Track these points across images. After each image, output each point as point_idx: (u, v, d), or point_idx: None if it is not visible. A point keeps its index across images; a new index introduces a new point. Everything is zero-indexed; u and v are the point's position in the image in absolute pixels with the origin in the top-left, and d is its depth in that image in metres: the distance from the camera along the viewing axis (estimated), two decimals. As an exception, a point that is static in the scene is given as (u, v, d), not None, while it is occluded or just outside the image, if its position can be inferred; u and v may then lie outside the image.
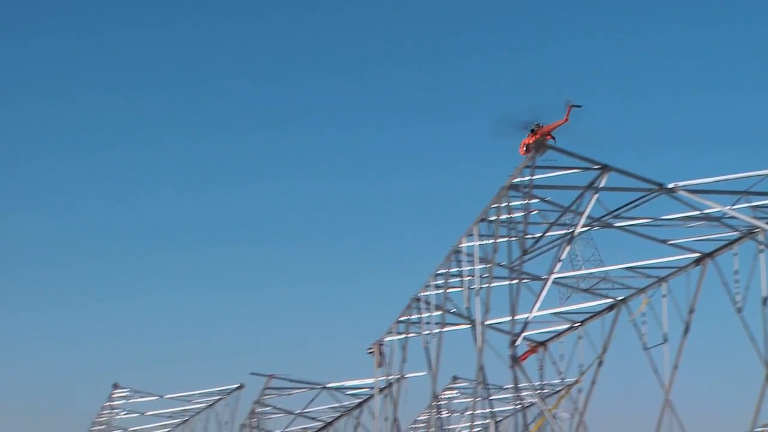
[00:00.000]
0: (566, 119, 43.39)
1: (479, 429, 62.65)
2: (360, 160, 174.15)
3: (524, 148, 47.03)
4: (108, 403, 67.64)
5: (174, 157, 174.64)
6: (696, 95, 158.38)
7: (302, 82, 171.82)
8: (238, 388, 61.29)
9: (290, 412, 57.60)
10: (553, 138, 46.18)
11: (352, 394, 55.62)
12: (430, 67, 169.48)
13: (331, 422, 59.15)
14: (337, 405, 56.78)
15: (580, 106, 45.07)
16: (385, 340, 46.60)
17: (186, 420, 67.63)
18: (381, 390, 47.48)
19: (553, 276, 35.10)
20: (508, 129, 47.17)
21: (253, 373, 56.29)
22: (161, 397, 65.72)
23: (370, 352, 47.26)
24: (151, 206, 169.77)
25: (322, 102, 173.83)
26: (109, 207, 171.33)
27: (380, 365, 46.88)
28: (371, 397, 51.66)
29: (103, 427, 69.73)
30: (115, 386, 66.69)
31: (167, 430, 70.24)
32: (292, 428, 59.74)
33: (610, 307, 42.38)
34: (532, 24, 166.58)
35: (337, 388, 55.15)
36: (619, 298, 41.91)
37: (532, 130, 45.00)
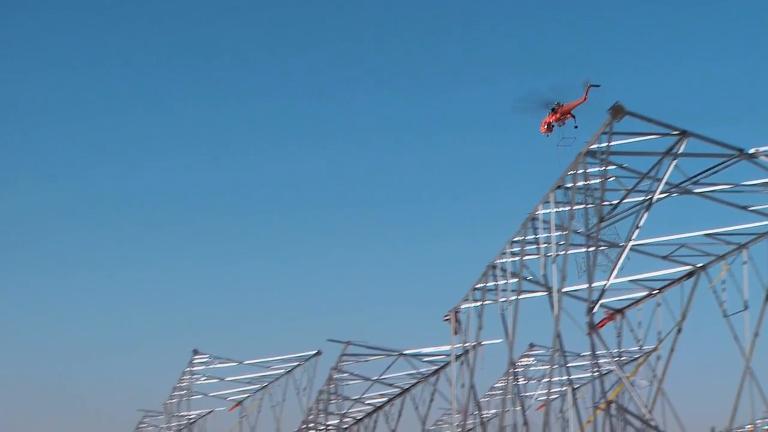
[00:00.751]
0: (585, 98, 47.56)
1: (556, 396, 62.57)
2: (437, 125, 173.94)
3: (545, 126, 49.32)
4: (188, 369, 68.69)
5: (251, 118, 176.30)
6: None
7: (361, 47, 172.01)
8: (315, 354, 61.86)
9: (367, 379, 58.01)
10: (573, 116, 48.94)
11: (429, 361, 55.82)
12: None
13: (407, 389, 59.45)
14: (413, 372, 57.05)
15: (598, 86, 48.10)
16: (461, 307, 46.65)
17: (265, 386, 68.47)
18: (457, 357, 47.56)
19: (631, 243, 34.79)
20: (531, 107, 49.88)
21: (330, 340, 56.86)
22: (240, 363, 66.56)
23: (446, 320, 47.36)
24: (229, 169, 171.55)
25: (388, 65, 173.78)
26: (189, 169, 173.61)
27: (456, 332, 46.98)
28: (447, 364, 51.78)
29: (183, 392, 70.96)
30: (195, 352, 67.66)
31: (246, 395, 71.20)
32: (369, 394, 60.21)
33: (689, 274, 41.86)
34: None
35: (414, 355, 55.39)
36: (699, 265, 41.36)
37: (553, 109, 49.15)
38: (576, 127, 49.02)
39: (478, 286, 45.11)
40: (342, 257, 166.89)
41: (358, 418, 64.17)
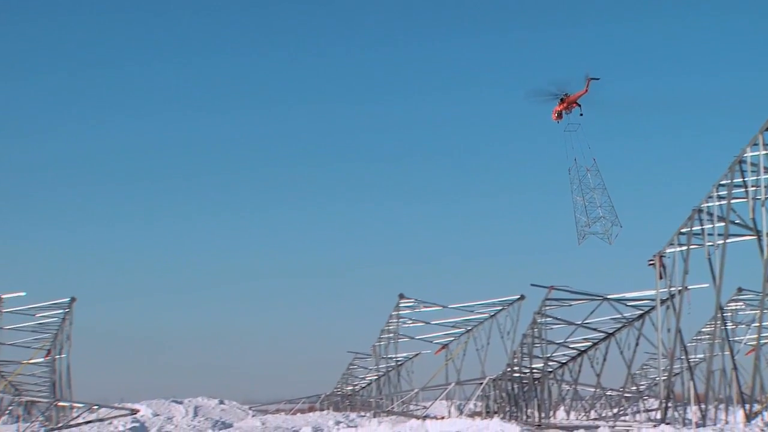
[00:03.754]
0: (586, 90, 57.36)
1: (766, 341, 61.10)
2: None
3: (555, 114, 59.70)
4: (395, 313, 70.36)
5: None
6: None
7: None
8: (519, 299, 62.29)
9: (571, 323, 58.10)
10: (579, 105, 59.32)
11: (634, 306, 55.43)
12: None
13: (612, 333, 59.27)
14: (618, 316, 56.77)
15: (598, 79, 58.97)
16: (666, 251, 46.15)
17: (469, 329, 69.50)
18: (663, 302, 47.13)
19: None
20: (541, 98, 59.15)
21: (533, 285, 57.11)
22: (445, 307, 67.62)
23: (651, 264, 46.95)
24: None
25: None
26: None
27: (661, 277, 46.54)
28: (653, 308, 51.36)
29: (391, 335, 72.80)
30: (401, 297, 69.17)
31: (451, 338, 72.49)
32: (573, 338, 60.36)
33: None
34: None
35: (618, 300, 55.09)
36: None
37: (561, 99, 58.74)
38: (581, 114, 59.60)
39: (684, 230, 44.51)
40: (543, 201, 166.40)
41: (563, 362, 64.47)
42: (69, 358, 63.36)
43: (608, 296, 54.71)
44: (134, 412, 60.92)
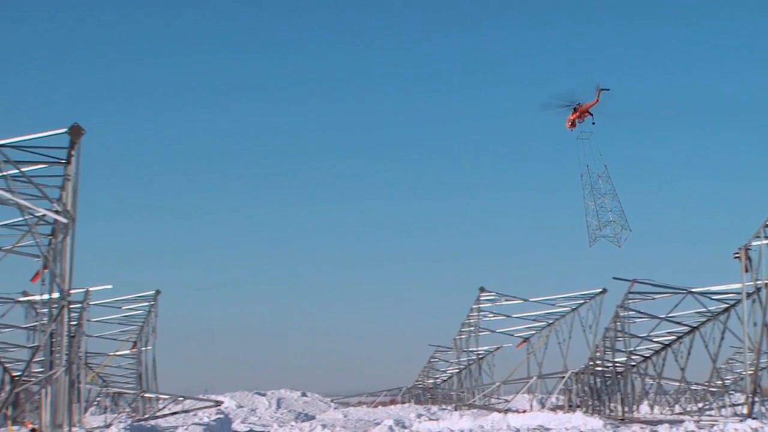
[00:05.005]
0: (597, 100, 61.55)
1: None
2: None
3: (569, 123, 64.58)
4: (475, 306, 70.28)
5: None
6: None
7: None
8: (601, 292, 61.82)
9: (654, 317, 57.46)
10: (591, 114, 63.45)
11: (718, 299, 54.62)
12: None
13: (696, 327, 58.48)
14: (702, 310, 55.97)
15: (608, 89, 62.37)
16: (752, 244, 45.38)
17: (551, 323, 69.15)
18: (748, 295, 46.38)
19: None
20: (556, 107, 63.51)
21: (615, 278, 56.64)
22: (526, 300, 67.41)
23: (737, 257, 46.23)
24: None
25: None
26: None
27: (747, 270, 45.78)
28: (738, 302, 50.54)
29: (471, 328, 72.74)
30: (482, 290, 69.06)
31: (533, 332, 72.17)
32: (657, 332, 59.66)
33: None
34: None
35: (702, 293, 54.32)
36: None
37: (574, 108, 62.63)
38: (593, 123, 62.69)
39: (770, 222, 43.74)
40: (632, 190, 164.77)
41: (646, 355, 63.79)
42: (154, 350, 64.51)
43: (692, 289, 53.98)
44: (218, 403, 61.68)
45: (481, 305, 69.76)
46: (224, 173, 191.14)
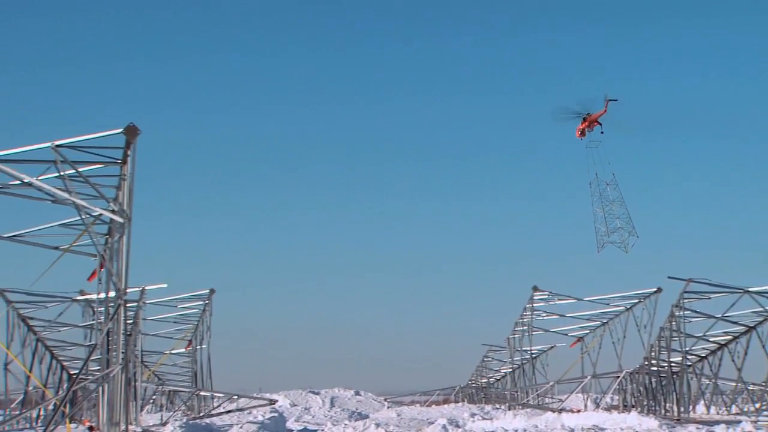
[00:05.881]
0: (605, 110, 64.02)
1: None
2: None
3: (579, 132, 66.59)
4: (529, 305, 69.93)
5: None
6: None
7: None
8: (656, 291, 61.26)
9: (711, 316, 56.82)
10: (600, 124, 66.04)
11: (776, 299, 53.91)
12: None
13: (753, 326, 57.76)
14: (760, 309, 55.29)
15: (616, 100, 64.38)
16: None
17: (605, 322, 68.63)
18: (807, 294, 45.79)
19: None
20: (566, 117, 66.09)
21: (671, 277, 56.09)
22: (579, 299, 66.94)
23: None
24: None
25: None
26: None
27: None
28: (797, 301, 49.90)
29: (525, 327, 72.41)
30: (535, 289, 68.72)
31: (587, 331, 71.68)
32: (713, 332, 58.99)
33: None
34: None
35: (760, 293, 53.66)
36: None
37: (584, 118, 65.23)
38: (602, 132, 65.12)
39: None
40: (682, 190, 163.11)
41: (702, 355, 63.11)
42: (209, 349, 64.94)
43: (749, 289, 53.37)
44: (273, 402, 61.96)
45: (534, 304, 69.44)
46: (282, 171, 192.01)
